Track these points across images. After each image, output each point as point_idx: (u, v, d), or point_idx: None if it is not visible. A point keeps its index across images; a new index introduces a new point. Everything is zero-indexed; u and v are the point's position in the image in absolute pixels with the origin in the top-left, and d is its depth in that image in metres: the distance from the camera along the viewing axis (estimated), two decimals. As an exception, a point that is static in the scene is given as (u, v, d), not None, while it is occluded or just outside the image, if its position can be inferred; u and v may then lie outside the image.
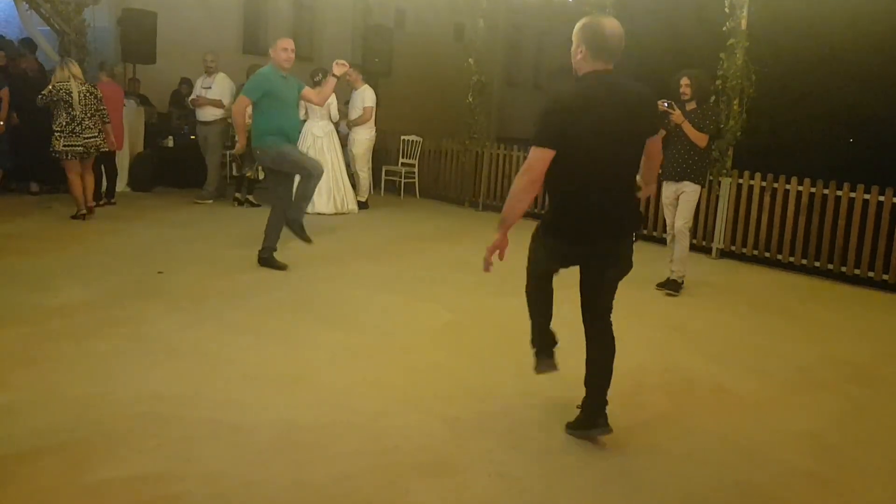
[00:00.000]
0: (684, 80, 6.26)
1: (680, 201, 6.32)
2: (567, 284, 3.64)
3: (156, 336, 4.62)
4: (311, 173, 6.25)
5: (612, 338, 3.57)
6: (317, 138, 9.49)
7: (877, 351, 5.37)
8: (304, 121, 9.50)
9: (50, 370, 3.97)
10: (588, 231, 3.34)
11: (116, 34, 10.97)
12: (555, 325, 3.76)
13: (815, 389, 4.49)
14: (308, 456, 3.26)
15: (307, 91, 6.49)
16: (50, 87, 7.80)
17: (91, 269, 6.07)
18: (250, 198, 9.72)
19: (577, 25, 3.30)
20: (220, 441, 3.33)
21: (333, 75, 6.38)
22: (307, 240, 6.42)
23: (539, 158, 3.17)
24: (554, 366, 3.72)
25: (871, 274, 7.35)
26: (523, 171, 3.23)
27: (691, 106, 6.25)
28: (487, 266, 3.38)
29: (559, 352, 3.78)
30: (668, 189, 6.43)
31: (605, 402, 3.50)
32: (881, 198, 7.27)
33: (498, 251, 3.36)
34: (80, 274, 5.88)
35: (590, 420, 3.51)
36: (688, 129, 6.13)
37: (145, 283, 5.76)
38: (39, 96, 7.76)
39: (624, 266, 3.49)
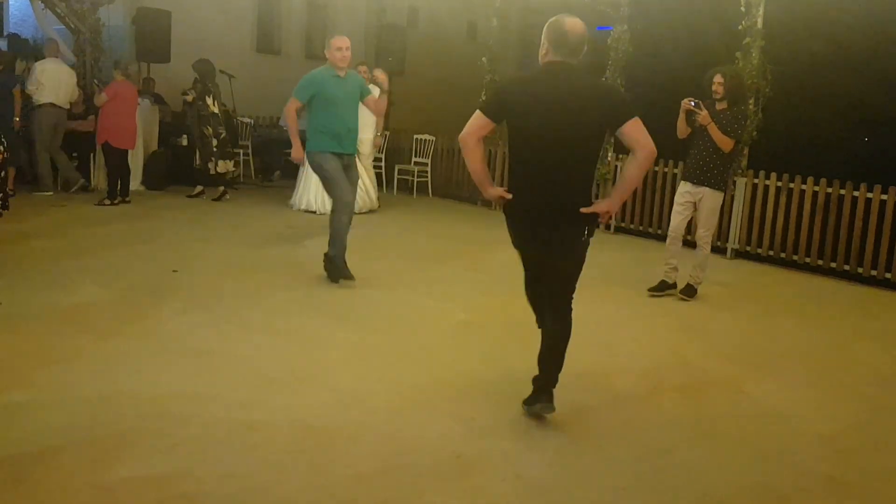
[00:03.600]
0: (717, 78, 5.92)
1: (701, 208, 6.06)
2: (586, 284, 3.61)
3: (172, 335, 4.63)
4: (337, 205, 5.92)
5: (565, 326, 3.65)
6: None
7: (894, 353, 5.31)
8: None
9: (66, 369, 3.99)
10: (526, 212, 3.50)
11: (131, 33, 11.02)
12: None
13: (834, 391, 4.45)
14: (324, 457, 3.25)
15: (369, 99, 6.24)
16: None
17: (106, 267, 6.09)
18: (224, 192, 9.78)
19: (545, 27, 3.43)
20: (235, 441, 3.33)
21: (381, 88, 6.27)
22: (348, 277, 5.97)
23: (473, 122, 3.49)
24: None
25: (888, 275, 7.27)
26: (466, 132, 3.52)
27: (722, 106, 5.92)
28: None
29: (574, 350, 3.75)
30: (683, 188, 6.14)
31: (552, 383, 3.65)
32: (899, 197, 7.20)
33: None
34: (95, 273, 5.90)
35: (533, 397, 3.67)
36: (713, 131, 5.83)
37: (160, 282, 5.77)
38: None
39: (568, 260, 3.54)
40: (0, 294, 5.18)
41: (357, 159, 6.16)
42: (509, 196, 3.50)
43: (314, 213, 9.42)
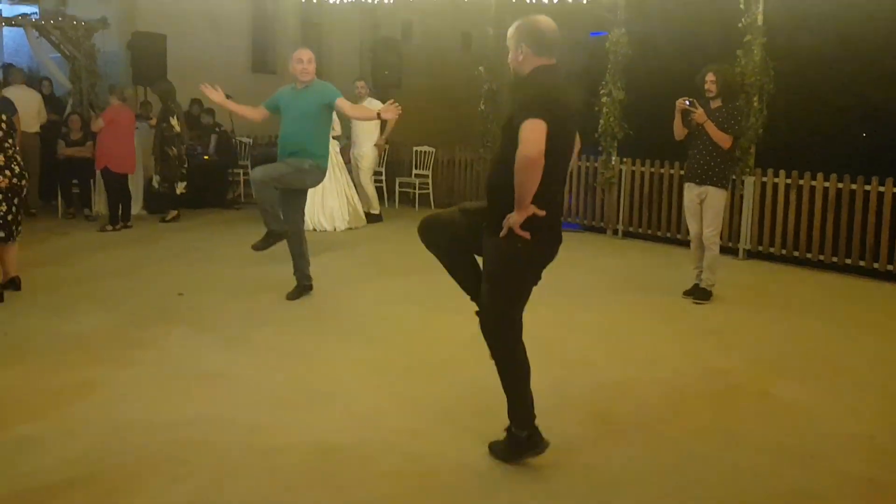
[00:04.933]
0: (709, 76, 5.91)
1: (705, 208, 6.02)
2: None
3: (181, 359, 4.53)
4: (287, 227, 5.87)
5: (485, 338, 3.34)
6: None
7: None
8: (337, 136, 9.49)
9: (76, 399, 3.88)
10: (552, 229, 3.25)
11: (126, 58, 10.96)
12: (610, 330, 3.62)
13: (864, 390, 4.33)
14: (343, 479, 3.14)
15: (342, 102, 5.94)
16: None
17: (111, 293, 5.99)
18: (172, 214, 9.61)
19: (511, 30, 3.27)
20: (253, 466, 3.22)
21: (379, 115, 5.90)
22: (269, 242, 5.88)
23: (538, 134, 2.94)
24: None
25: (904, 269, 7.17)
26: (526, 146, 2.94)
27: (716, 104, 5.93)
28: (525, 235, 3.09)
29: (596, 360, 3.64)
30: (691, 192, 6.10)
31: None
32: (911, 190, 7.10)
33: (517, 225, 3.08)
34: (100, 299, 5.80)
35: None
36: (710, 129, 5.82)
37: (167, 306, 5.67)
38: None
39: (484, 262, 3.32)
40: (5, 323, 5.10)
41: (300, 161, 5.83)
42: (542, 212, 3.08)
43: (325, 230, 9.34)
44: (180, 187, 9.63)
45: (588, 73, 10.67)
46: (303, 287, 6.03)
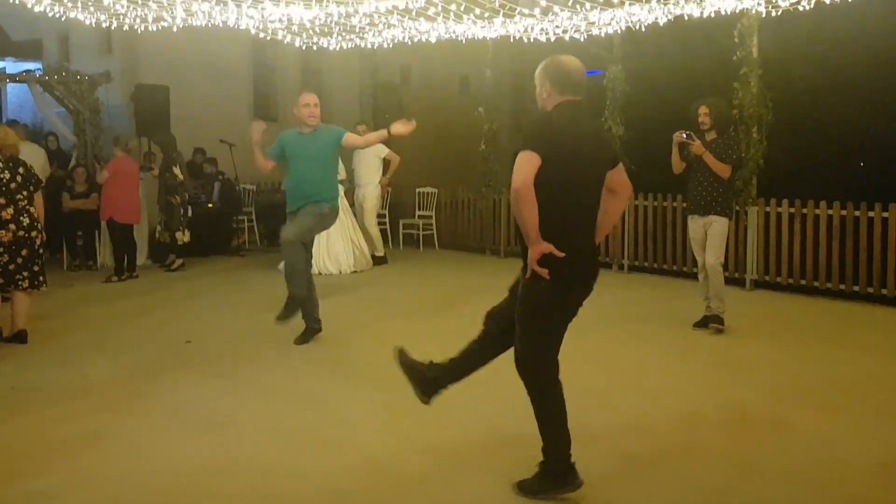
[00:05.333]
0: (703, 109, 6.05)
1: (708, 236, 6.06)
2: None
3: (190, 407, 4.49)
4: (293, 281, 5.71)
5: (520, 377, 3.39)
6: None
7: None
8: (342, 180, 9.56)
9: (84, 450, 3.84)
10: (578, 266, 3.22)
11: (130, 110, 11.10)
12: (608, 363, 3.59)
13: (882, 418, 4.27)
14: (360, 524, 3.09)
15: (349, 137, 6.00)
16: None
17: (117, 343, 5.97)
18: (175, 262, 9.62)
19: (538, 68, 3.36)
20: (266, 514, 3.17)
21: (390, 131, 5.85)
22: (285, 317, 5.75)
23: (526, 165, 3.01)
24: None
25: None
26: (513, 177, 3.03)
27: (711, 136, 6.03)
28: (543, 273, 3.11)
29: (612, 395, 3.60)
30: (696, 224, 6.15)
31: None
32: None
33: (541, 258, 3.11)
34: (106, 349, 5.78)
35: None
36: (709, 159, 5.91)
37: (174, 354, 5.65)
38: None
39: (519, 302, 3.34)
40: (12, 376, 5.07)
41: (319, 206, 5.81)
42: (561, 253, 3.08)
43: (330, 273, 9.34)
44: (184, 236, 9.66)
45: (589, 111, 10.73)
46: (311, 329, 6.00)
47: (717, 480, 3.46)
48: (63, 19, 7.25)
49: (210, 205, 11.02)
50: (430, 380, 3.63)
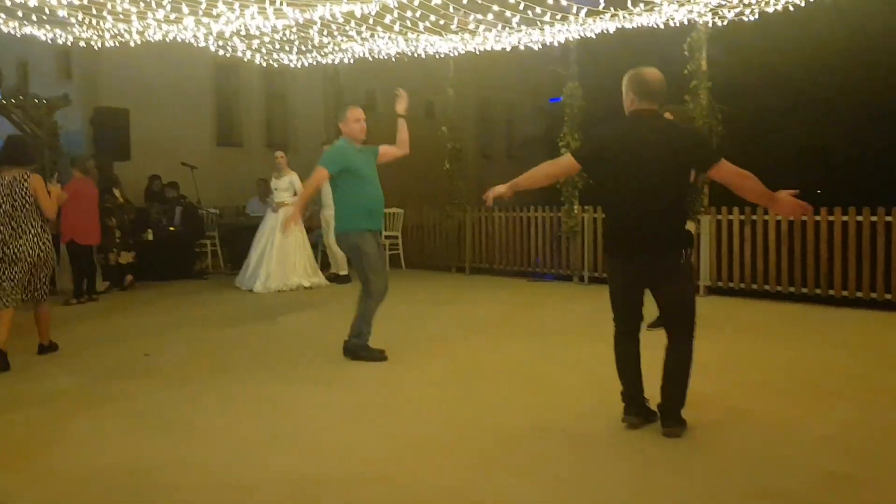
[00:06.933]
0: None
1: None
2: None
3: (149, 412, 4.47)
4: (374, 291, 5.53)
5: (680, 354, 3.96)
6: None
7: (873, 362, 5.42)
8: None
9: (41, 451, 3.80)
10: (621, 244, 3.87)
11: (89, 133, 11.07)
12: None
13: (828, 399, 4.46)
14: (321, 507, 3.12)
15: (386, 148, 5.90)
16: None
17: (76, 359, 5.90)
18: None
19: (625, 78, 3.90)
20: (224, 503, 3.18)
21: (400, 116, 5.81)
22: (379, 358, 5.56)
23: (566, 160, 4.08)
24: (635, 424, 3.91)
25: (859, 294, 7.39)
26: (552, 162, 4.15)
27: None
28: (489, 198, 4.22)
29: (571, 391, 3.69)
30: None
31: (678, 405, 3.87)
32: (859, 218, 7.37)
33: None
34: (63, 362, 5.73)
35: (663, 421, 3.87)
36: None
37: (132, 366, 5.61)
38: None
39: (675, 280, 3.85)
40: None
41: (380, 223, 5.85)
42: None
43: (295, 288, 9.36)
44: (122, 257, 9.59)
45: (549, 134, 10.99)
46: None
47: (668, 456, 3.58)
48: (19, 35, 7.25)
49: (172, 228, 10.97)
50: (640, 404, 3.99)
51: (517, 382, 4.93)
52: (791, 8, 7.06)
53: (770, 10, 7.13)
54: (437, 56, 9.95)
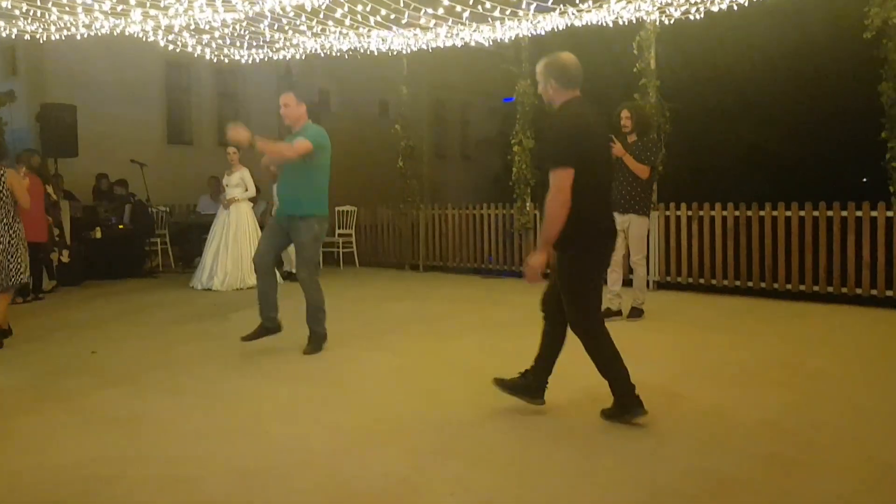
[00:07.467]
0: (625, 113, 6.38)
1: (630, 235, 6.41)
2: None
3: (93, 408, 4.39)
4: (314, 268, 5.81)
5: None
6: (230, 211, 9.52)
7: (813, 351, 5.60)
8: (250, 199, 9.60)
9: (-20, 448, 3.72)
10: (604, 231, 3.84)
11: (36, 130, 10.82)
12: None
13: (766, 387, 4.58)
14: (264, 497, 3.11)
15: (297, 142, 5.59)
16: None
17: (20, 356, 5.77)
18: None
19: (539, 65, 3.79)
20: (167, 495, 3.15)
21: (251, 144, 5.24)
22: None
23: (566, 178, 3.56)
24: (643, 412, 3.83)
25: (802, 287, 7.61)
26: (556, 193, 3.57)
27: (632, 138, 6.36)
28: (532, 280, 3.78)
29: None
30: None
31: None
32: (802, 213, 7.60)
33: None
34: (9, 362, 5.59)
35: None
36: (629, 161, 6.24)
37: (80, 363, 5.51)
38: None
39: (559, 277, 3.86)
40: None
41: None
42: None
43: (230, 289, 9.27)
44: (63, 255, 9.43)
45: (503, 134, 11.07)
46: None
47: (609, 440, 3.67)
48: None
49: (121, 226, 10.78)
50: (532, 386, 3.99)
51: (463, 374, 4.96)
52: (735, 7, 7.25)
53: (715, 9, 7.31)
54: (390, 53, 9.96)
